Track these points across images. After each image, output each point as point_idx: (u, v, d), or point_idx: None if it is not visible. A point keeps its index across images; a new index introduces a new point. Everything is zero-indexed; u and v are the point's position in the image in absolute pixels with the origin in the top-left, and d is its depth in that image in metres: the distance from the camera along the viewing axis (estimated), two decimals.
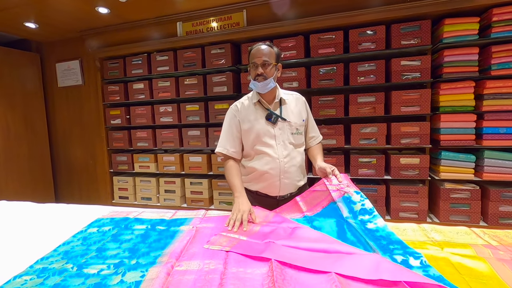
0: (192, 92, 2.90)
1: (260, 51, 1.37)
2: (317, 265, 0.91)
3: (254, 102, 1.46)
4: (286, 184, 1.47)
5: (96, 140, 3.48)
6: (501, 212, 2.14)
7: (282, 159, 1.44)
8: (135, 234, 1.29)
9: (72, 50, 3.48)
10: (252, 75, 1.41)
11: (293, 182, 1.48)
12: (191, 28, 2.88)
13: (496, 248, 1.05)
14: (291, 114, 1.46)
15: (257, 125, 1.43)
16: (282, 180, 1.46)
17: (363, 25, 2.37)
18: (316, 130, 1.58)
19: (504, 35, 2.03)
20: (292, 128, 1.45)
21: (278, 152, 1.44)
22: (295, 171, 1.48)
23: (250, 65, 1.41)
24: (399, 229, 1.26)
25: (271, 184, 1.47)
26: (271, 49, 1.39)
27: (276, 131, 1.43)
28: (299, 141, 1.49)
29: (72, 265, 1.03)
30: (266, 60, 1.36)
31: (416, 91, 2.26)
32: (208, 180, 2.92)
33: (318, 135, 1.59)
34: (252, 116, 1.45)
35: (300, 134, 1.49)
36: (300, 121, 1.48)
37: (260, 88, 1.40)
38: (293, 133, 1.46)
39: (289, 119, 1.45)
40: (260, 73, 1.36)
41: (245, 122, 1.46)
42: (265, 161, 1.45)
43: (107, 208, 1.74)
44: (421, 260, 0.95)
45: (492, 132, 2.12)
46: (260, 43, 1.41)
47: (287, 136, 1.45)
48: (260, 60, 1.36)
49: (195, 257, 1.03)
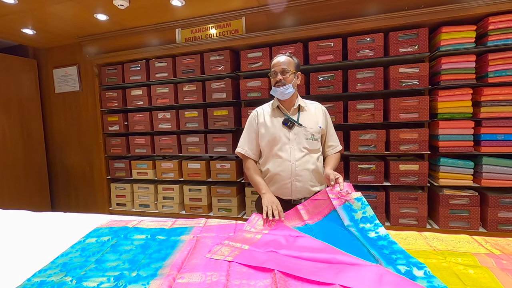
0: (191, 98, 2.90)
1: (279, 60, 1.50)
2: (321, 277, 0.90)
3: (273, 108, 1.57)
4: (298, 187, 1.50)
5: (94, 147, 3.45)
6: (500, 218, 2.14)
7: (294, 161, 1.49)
8: (135, 245, 1.27)
9: (70, 56, 3.47)
10: (272, 82, 1.52)
11: (305, 186, 1.51)
12: (190, 35, 2.89)
13: (498, 258, 1.05)
14: (308, 120, 1.53)
15: (273, 129, 1.52)
16: (293, 182, 1.50)
17: (362, 32, 2.39)
18: (335, 139, 1.63)
19: (500, 43, 2.06)
20: (307, 133, 1.50)
21: (291, 155, 1.49)
22: (308, 175, 1.50)
23: (271, 74, 1.52)
24: (401, 237, 1.26)
25: (283, 186, 1.51)
26: (290, 59, 1.51)
27: (291, 136, 1.50)
28: (314, 147, 1.52)
29: (71, 277, 1.01)
30: (284, 68, 1.47)
31: (414, 98, 2.28)
32: (207, 187, 2.90)
33: (337, 145, 1.63)
34: (269, 120, 1.55)
35: (315, 140, 1.53)
36: (316, 127, 1.53)
37: (279, 93, 1.50)
38: (308, 138, 1.50)
39: (305, 124, 1.51)
40: (279, 80, 1.47)
41: (262, 126, 1.56)
42: (277, 163, 1.51)
43: (105, 216, 1.72)
44: (425, 270, 0.95)
45: (490, 138, 2.13)
46: (281, 54, 1.54)
47: (301, 140, 1.50)
48: (279, 68, 1.48)
49: (196, 268, 1.01)
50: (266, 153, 1.56)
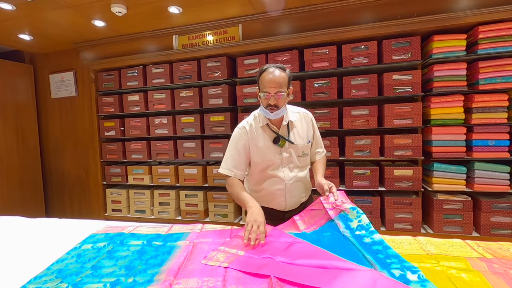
0: (187, 104, 2.91)
1: (273, 80, 1.30)
2: (316, 282, 0.91)
3: (262, 125, 1.43)
4: (292, 201, 1.53)
5: (89, 152, 3.43)
6: (492, 223, 2.17)
7: (288, 181, 1.48)
8: (131, 250, 1.26)
9: (66, 61, 3.47)
10: (263, 103, 1.36)
11: (298, 199, 1.54)
12: (187, 41, 2.92)
13: (490, 261, 1.07)
14: (299, 137, 1.47)
15: (265, 149, 1.44)
16: (288, 199, 1.51)
17: (356, 40, 2.44)
18: (321, 144, 1.62)
19: (490, 52, 2.11)
20: (298, 151, 1.47)
21: (284, 174, 1.47)
22: (300, 189, 1.53)
23: (262, 92, 1.35)
24: (395, 241, 1.27)
25: (278, 202, 1.52)
26: (284, 75, 1.33)
27: (284, 156, 1.45)
28: (304, 163, 1.52)
29: (67, 284, 1.00)
30: (280, 91, 1.31)
31: (408, 105, 2.32)
32: (203, 192, 2.90)
33: (323, 150, 1.62)
34: (260, 139, 1.44)
35: (305, 156, 1.51)
36: (306, 142, 1.50)
37: (272, 116, 1.37)
38: (299, 155, 1.48)
39: (296, 142, 1.45)
40: (273, 104, 1.32)
41: (253, 145, 1.45)
42: (273, 182, 1.48)
43: (101, 222, 1.71)
44: (419, 274, 0.96)
45: (482, 144, 2.18)
46: (272, 67, 1.33)
47: (293, 160, 1.47)
48: (274, 90, 1.31)
49: (193, 274, 1.02)
50: (258, 172, 1.50)
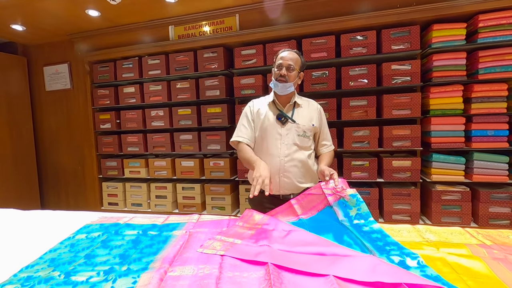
0: (184, 96, 2.87)
1: (287, 55, 1.46)
2: (314, 268, 0.89)
3: (269, 102, 1.55)
4: (287, 183, 1.50)
5: (85, 145, 3.39)
6: (491, 213, 2.17)
7: (283, 157, 1.48)
8: (126, 240, 1.24)
9: (61, 53, 3.41)
10: (274, 75, 1.48)
11: (293, 183, 1.50)
12: (183, 32, 2.87)
13: (490, 248, 1.06)
14: (302, 117, 1.52)
15: (266, 122, 1.51)
16: (281, 178, 1.49)
17: (354, 30, 2.40)
18: (329, 139, 1.63)
19: (490, 41, 2.09)
20: (299, 130, 1.50)
21: (280, 151, 1.49)
22: (297, 172, 1.50)
23: (275, 66, 1.49)
24: (394, 230, 1.26)
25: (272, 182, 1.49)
26: (298, 57, 1.49)
27: (283, 131, 1.49)
28: (304, 144, 1.52)
29: (59, 272, 0.98)
30: (291, 65, 1.44)
31: (407, 95, 2.30)
32: (200, 185, 2.87)
33: (330, 144, 1.63)
34: (264, 113, 1.53)
35: (306, 137, 1.52)
36: (309, 125, 1.52)
37: (279, 88, 1.48)
38: (300, 135, 1.50)
39: (298, 121, 1.50)
40: (283, 75, 1.44)
41: (257, 117, 1.55)
42: (267, 157, 1.49)
43: (96, 214, 1.69)
44: (418, 260, 0.95)
45: (481, 134, 2.16)
46: (289, 49, 1.50)
47: (292, 137, 1.49)
48: (286, 63, 1.45)
49: (189, 262, 1.00)
50: (256, 146, 1.56)
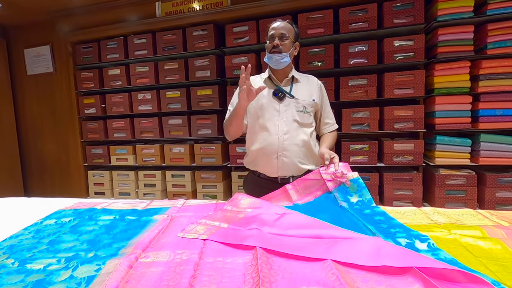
0: (172, 77, 2.70)
1: (279, 25, 1.35)
2: (310, 252, 0.76)
3: (264, 78, 1.43)
4: (286, 163, 1.36)
5: (69, 132, 3.22)
6: (498, 198, 2.05)
7: (282, 135, 1.35)
8: (99, 225, 1.10)
9: (42, 34, 3.21)
10: (267, 48, 1.36)
11: (294, 162, 1.36)
12: (170, 8, 2.68)
13: (508, 229, 0.93)
14: (301, 92, 1.40)
15: (262, 99, 1.37)
16: (280, 158, 1.36)
17: (355, 3, 2.24)
18: (331, 117, 1.49)
19: (500, 12, 1.94)
20: (299, 105, 1.37)
21: (278, 128, 1.35)
22: (297, 151, 1.36)
23: (267, 38, 1.37)
24: (398, 212, 1.14)
25: (268, 162, 1.38)
26: (290, 26, 1.37)
27: (281, 107, 1.37)
28: (305, 121, 1.38)
29: (14, 260, 0.85)
30: (284, 33, 1.32)
31: (409, 73, 2.15)
32: (191, 172, 2.73)
33: (333, 123, 1.49)
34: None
35: (307, 113, 1.38)
36: (310, 100, 1.39)
37: (274, 61, 1.34)
38: (299, 110, 1.36)
39: (297, 96, 1.38)
40: (276, 45, 1.32)
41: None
42: (263, 136, 1.37)
43: (72, 200, 1.54)
44: (429, 242, 0.83)
45: (488, 114, 2.03)
46: (280, 19, 1.39)
47: (292, 113, 1.36)
48: (278, 32, 1.33)
49: (165, 247, 0.86)
50: (251, 126, 1.42)
